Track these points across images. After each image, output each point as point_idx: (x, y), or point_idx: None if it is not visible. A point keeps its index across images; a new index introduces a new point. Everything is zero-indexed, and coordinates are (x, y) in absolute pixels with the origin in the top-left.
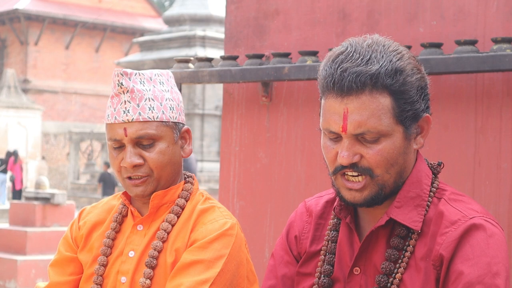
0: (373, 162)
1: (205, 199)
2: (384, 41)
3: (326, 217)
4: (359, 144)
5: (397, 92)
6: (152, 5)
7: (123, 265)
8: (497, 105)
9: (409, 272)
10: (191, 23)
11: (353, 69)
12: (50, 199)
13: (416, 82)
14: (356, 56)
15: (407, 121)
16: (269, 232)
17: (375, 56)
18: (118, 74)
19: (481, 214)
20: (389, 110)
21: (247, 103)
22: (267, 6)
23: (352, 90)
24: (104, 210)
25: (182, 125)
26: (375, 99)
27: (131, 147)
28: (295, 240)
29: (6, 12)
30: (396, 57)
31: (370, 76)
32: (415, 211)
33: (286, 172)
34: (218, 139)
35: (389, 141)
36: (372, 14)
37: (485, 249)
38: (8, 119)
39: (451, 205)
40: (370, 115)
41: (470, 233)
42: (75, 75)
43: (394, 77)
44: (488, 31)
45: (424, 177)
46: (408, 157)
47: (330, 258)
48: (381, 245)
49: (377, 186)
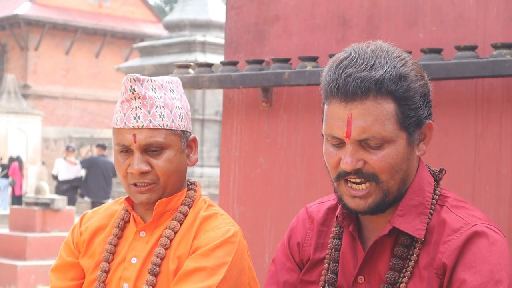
0: (377, 168)
1: (207, 205)
2: (388, 47)
3: (328, 224)
4: (362, 150)
5: (401, 98)
6: (152, 11)
7: (126, 271)
8: (497, 111)
9: (413, 281)
10: (191, 29)
11: (358, 74)
12: (50, 205)
13: (420, 89)
14: (360, 61)
15: (411, 127)
16: (269, 238)
17: (379, 61)
18: (130, 79)
19: (483, 222)
20: (393, 116)
21: (247, 108)
22: (267, 12)
23: (356, 96)
24: (106, 215)
25: (189, 133)
26: (379, 104)
27: (139, 154)
28: (297, 247)
29: (6, 18)
30: (400, 63)
31: (374, 81)
32: (418, 219)
33: (286, 177)
34: (218, 145)
35: (393, 147)
36: (372, 19)
37: (487, 257)
38: (8, 124)
39: (453, 213)
40: (374, 120)
41: (472, 241)
42: (75, 81)
43: (398, 83)
44: (488, 37)
45: (426, 185)
46: (411, 164)
47: (334, 267)
48: (385, 254)
49: (382, 192)
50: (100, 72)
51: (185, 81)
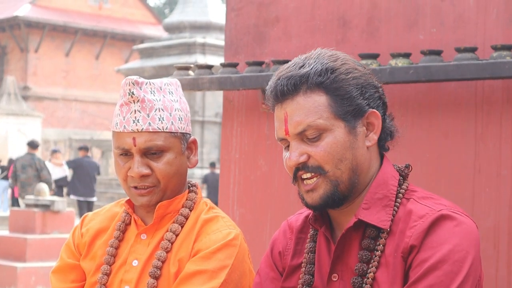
0: (320, 159)
1: (209, 208)
2: (325, 51)
3: (306, 231)
4: (304, 144)
5: (331, 89)
6: (152, 12)
7: (127, 274)
8: (497, 112)
9: (380, 270)
10: (191, 30)
11: (285, 75)
12: (50, 206)
13: (353, 80)
14: (291, 65)
15: (348, 116)
16: (269, 240)
17: (308, 62)
18: (129, 83)
19: (449, 207)
20: (326, 106)
21: (247, 110)
22: (267, 14)
23: (286, 94)
24: (107, 217)
25: (189, 135)
26: (309, 98)
27: (139, 157)
28: (279, 256)
29: (6, 19)
30: (329, 59)
31: (300, 77)
32: (383, 211)
33: (286, 179)
34: (218, 146)
35: (331, 136)
36: (372, 21)
37: (449, 237)
38: (8, 126)
39: (420, 203)
40: (307, 113)
41: (437, 223)
42: (75, 82)
43: (324, 75)
44: (488, 38)
45: (390, 179)
46: (358, 153)
47: (309, 268)
48: (354, 249)
49: (330, 183)
50: (100, 73)
51: (185, 83)
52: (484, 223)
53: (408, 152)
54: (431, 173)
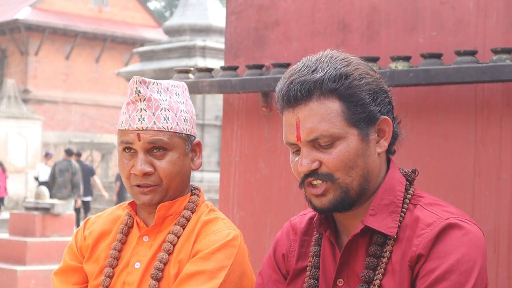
0: (331, 167)
1: (209, 210)
2: (336, 54)
3: (310, 234)
4: (316, 151)
5: (345, 96)
6: (152, 16)
7: (129, 276)
8: (497, 116)
9: (386, 277)
10: (191, 34)
11: (298, 79)
12: (50, 209)
13: (366, 86)
14: (303, 69)
15: (361, 123)
16: (269, 243)
17: (321, 66)
18: (136, 81)
19: (456, 215)
20: (339, 113)
21: (247, 113)
22: (267, 17)
23: (299, 99)
24: (110, 220)
25: (193, 137)
26: (323, 104)
27: (142, 154)
28: (282, 258)
29: (6, 22)
30: (343, 64)
31: (313, 83)
32: (390, 217)
33: (286, 182)
34: (218, 149)
35: (344, 143)
36: (372, 24)
37: (457, 247)
38: (8, 129)
39: (427, 209)
40: (320, 120)
41: (445, 232)
42: (75, 85)
43: (339, 81)
44: (488, 42)
45: (397, 184)
46: (369, 160)
47: (314, 273)
48: (361, 255)
49: (340, 189)
50: (100, 77)
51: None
52: (484, 227)
53: (408, 155)
54: (431, 176)
